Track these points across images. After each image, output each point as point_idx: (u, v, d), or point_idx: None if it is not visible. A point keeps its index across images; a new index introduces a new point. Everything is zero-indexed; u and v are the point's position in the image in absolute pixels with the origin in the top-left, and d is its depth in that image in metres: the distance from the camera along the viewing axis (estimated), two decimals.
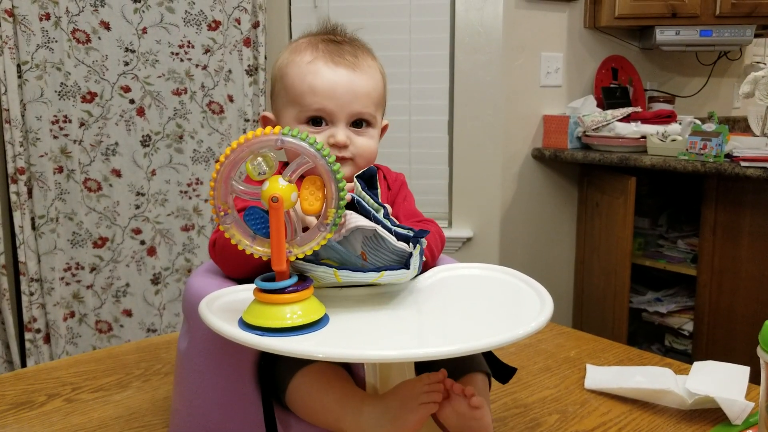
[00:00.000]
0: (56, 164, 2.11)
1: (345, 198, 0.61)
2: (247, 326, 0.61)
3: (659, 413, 0.87)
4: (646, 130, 2.29)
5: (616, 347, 1.12)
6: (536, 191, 2.53)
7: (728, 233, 2.12)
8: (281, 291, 0.61)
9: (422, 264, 0.72)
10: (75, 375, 1.02)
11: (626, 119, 2.37)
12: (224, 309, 0.66)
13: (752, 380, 0.92)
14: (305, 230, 0.62)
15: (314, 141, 0.60)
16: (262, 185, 0.60)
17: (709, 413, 0.86)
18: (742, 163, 1.96)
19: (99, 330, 2.25)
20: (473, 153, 2.40)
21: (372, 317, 0.66)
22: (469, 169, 2.42)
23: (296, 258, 0.62)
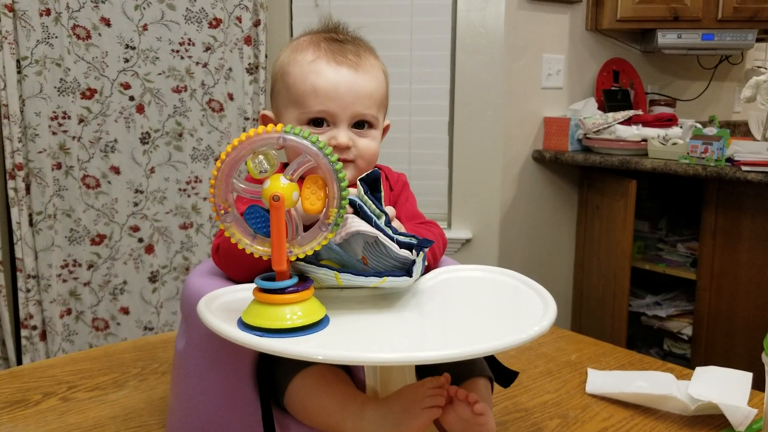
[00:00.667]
0: (55, 160, 2.10)
1: (347, 198, 0.60)
2: (247, 327, 0.60)
3: (661, 419, 0.87)
4: (647, 134, 2.29)
5: (618, 351, 1.11)
6: (536, 193, 2.52)
7: (728, 237, 2.12)
8: (281, 291, 0.60)
9: (424, 267, 0.71)
10: (71, 373, 1.02)
11: (627, 122, 2.36)
12: (223, 309, 0.65)
13: (754, 386, 0.91)
14: (306, 230, 0.62)
15: (316, 139, 0.59)
16: (263, 184, 0.59)
17: (712, 419, 0.86)
18: (743, 168, 1.96)
19: (95, 327, 2.24)
20: (473, 154, 2.40)
21: (373, 319, 0.65)
22: (469, 170, 2.41)
23: (297, 258, 0.62)
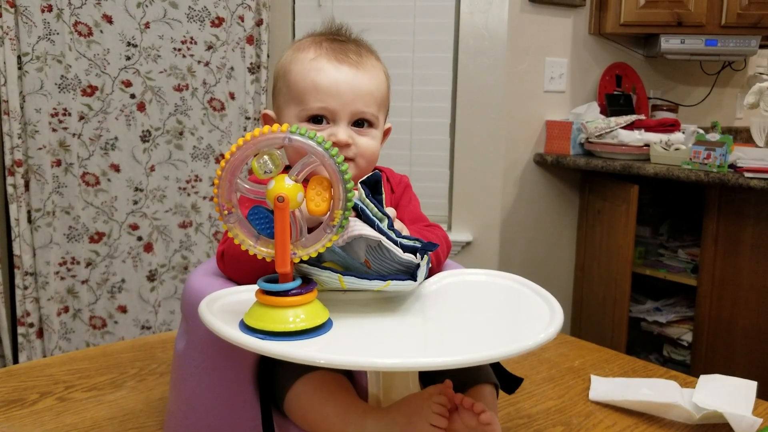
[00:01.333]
0: (54, 157, 2.09)
1: (352, 200, 0.59)
2: (249, 329, 0.59)
3: (666, 427, 0.86)
4: (650, 138, 2.28)
5: (621, 358, 1.10)
6: (537, 197, 2.51)
7: (730, 244, 2.11)
8: (285, 293, 0.59)
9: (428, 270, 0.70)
10: (68, 373, 1.00)
11: (629, 127, 2.35)
12: (225, 310, 0.64)
13: (759, 395, 0.91)
14: (310, 231, 0.61)
15: (322, 140, 0.58)
16: (268, 184, 0.58)
17: (716, 428, 0.85)
18: (746, 174, 1.95)
19: (93, 326, 2.23)
20: (475, 156, 2.39)
21: (377, 323, 0.64)
22: (470, 173, 2.40)
23: (300, 260, 0.61)
